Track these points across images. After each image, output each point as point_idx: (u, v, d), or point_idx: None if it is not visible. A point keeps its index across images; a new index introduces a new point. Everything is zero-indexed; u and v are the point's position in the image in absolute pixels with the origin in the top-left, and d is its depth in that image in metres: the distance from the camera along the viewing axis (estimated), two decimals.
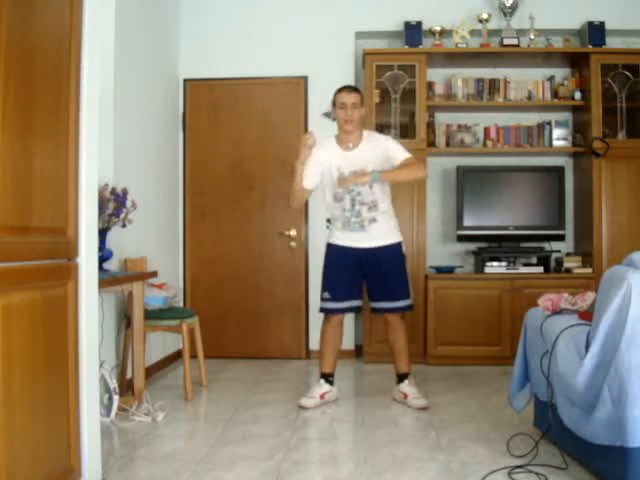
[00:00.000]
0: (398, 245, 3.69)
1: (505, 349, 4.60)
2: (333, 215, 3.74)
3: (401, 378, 3.70)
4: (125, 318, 3.82)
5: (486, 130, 5.05)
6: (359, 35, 5.10)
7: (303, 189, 3.63)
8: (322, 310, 3.72)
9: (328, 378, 3.70)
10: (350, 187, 3.53)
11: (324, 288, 3.70)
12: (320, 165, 3.60)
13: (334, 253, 3.69)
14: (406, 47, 4.86)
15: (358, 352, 5.02)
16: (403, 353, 3.71)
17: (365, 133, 3.67)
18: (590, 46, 4.79)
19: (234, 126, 5.12)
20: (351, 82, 5.06)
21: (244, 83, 5.11)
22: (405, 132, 4.90)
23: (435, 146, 4.97)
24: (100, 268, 3.20)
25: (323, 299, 3.69)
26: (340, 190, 3.56)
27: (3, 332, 1.78)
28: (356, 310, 3.87)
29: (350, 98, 3.58)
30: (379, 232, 3.61)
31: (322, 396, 3.63)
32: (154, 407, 3.37)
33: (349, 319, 4.89)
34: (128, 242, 3.87)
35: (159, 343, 4.46)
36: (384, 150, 3.55)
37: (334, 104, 3.66)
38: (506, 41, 4.84)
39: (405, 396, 3.61)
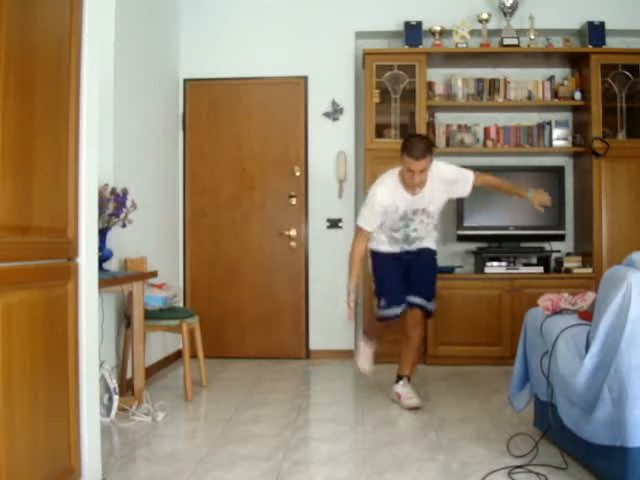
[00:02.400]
0: (434, 252, 3.77)
1: (505, 349, 4.59)
2: (380, 234, 3.69)
3: (399, 378, 3.70)
4: (125, 318, 3.81)
5: (486, 130, 5.05)
6: (359, 35, 5.10)
7: (366, 234, 3.63)
8: (381, 319, 3.64)
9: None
10: (410, 223, 3.58)
11: (384, 290, 3.64)
12: (385, 210, 3.54)
13: (382, 259, 3.71)
14: (406, 47, 4.86)
15: None
16: (410, 356, 3.69)
17: (430, 172, 3.49)
18: (590, 46, 4.79)
19: (234, 126, 5.12)
20: (351, 82, 5.08)
21: (244, 83, 5.12)
22: (405, 132, 4.88)
23: (435, 146, 4.96)
24: (100, 268, 3.20)
25: (382, 306, 3.62)
26: (400, 224, 3.58)
27: (3, 332, 1.78)
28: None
29: (418, 165, 3.36)
30: (421, 244, 3.70)
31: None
32: (154, 407, 3.37)
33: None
34: (128, 242, 3.87)
35: (159, 343, 4.46)
36: (445, 179, 3.55)
37: (402, 155, 3.41)
38: (506, 41, 4.84)
39: (399, 396, 3.62)
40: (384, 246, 3.70)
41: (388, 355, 4.15)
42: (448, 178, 3.57)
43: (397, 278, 3.65)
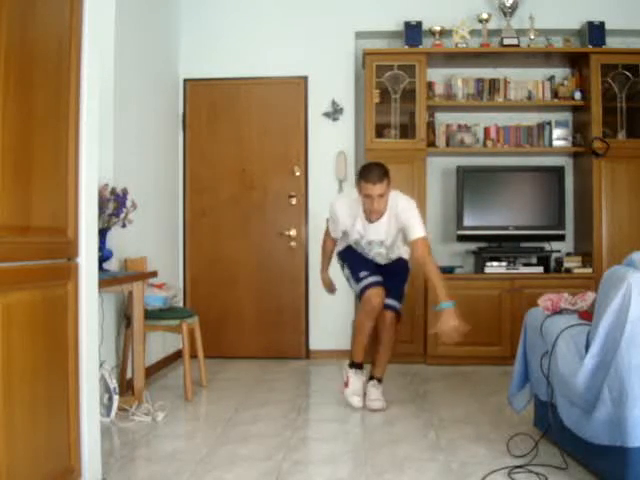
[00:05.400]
0: (405, 260, 3.74)
1: (505, 349, 4.60)
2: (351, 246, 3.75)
3: (370, 378, 3.66)
4: (125, 318, 3.81)
5: (486, 130, 5.05)
6: (359, 35, 5.10)
7: (332, 238, 3.75)
8: (366, 287, 3.49)
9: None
10: (369, 250, 3.61)
11: (359, 269, 3.58)
12: (344, 225, 3.59)
13: (351, 252, 3.70)
14: (406, 47, 4.86)
15: None
16: (382, 358, 3.64)
17: (390, 202, 3.47)
18: (590, 46, 4.79)
19: (234, 126, 5.12)
20: (351, 82, 5.08)
21: (244, 83, 5.11)
22: (405, 132, 4.90)
23: (435, 146, 4.97)
24: (100, 268, 3.20)
25: (362, 278, 3.53)
26: (358, 246, 3.64)
27: (3, 332, 1.79)
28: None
29: (375, 190, 3.34)
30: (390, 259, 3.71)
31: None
32: (154, 407, 3.37)
33: (349, 318, 4.90)
34: (128, 242, 3.87)
35: (159, 343, 4.46)
36: (402, 222, 3.46)
37: (359, 183, 3.42)
38: (506, 41, 4.84)
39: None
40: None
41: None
42: (401, 217, 3.46)
43: (369, 261, 3.65)
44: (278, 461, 2.70)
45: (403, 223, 3.45)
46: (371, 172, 3.37)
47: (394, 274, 3.68)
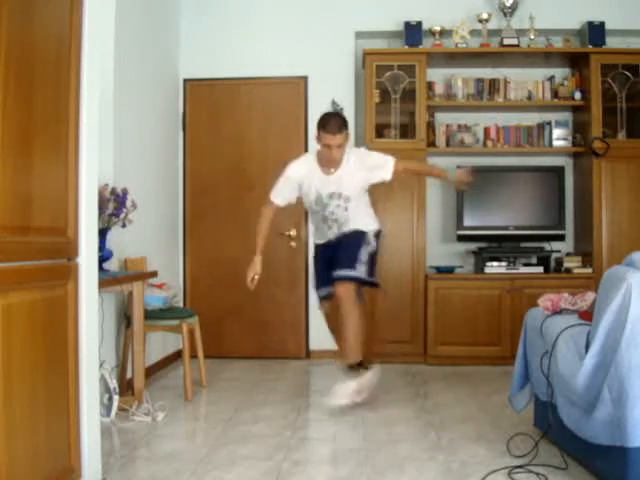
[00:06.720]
0: (362, 231, 3.59)
1: (505, 349, 4.59)
2: (313, 222, 3.88)
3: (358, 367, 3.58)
4: (125, 318, 3.82)
5: (486, 130, 5.05)
6: (359, 35, 5.10)
7: (275, 207, 3.75)
8: (323, 298, 3.70)
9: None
10: (327, 207, 3.61)
11: (316, 281, 3.79)
12: (297, 184, 3.64)
13: (318, 252, 3.84)
14: (406, 47, 4.86)
15: None
16: (349, 342, 3.46)
17: (346, 155, 3.55)
18: (590, 46, 4.79)
19: (234, 126, 5.12)
20: (351, 82, 5.08)
21: (244, 83, 5.12)
22: (405, 132, 4.90)
23: (435, 146, 4.97)
24: (100, 268, 3.20)
25: (320, 286, 3.73)
26: (317, 207, 3.66)
27: (3, 332, 1.78)
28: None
29: (335, 140, 3.42)
30: (347, 228, 3.65)
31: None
32: (154, 407, 3.37)
33: None
34: (128, 242, 3.87)
35: (159, 343, 4.46)
36: (368, 165, 3.55)
37: (318, 133, 3.48)
38: (506, 41, 4.84)
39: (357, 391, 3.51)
40: (316, 238, 3.84)
41: (386, 354, 4.16)
42: (367, 164, 3.56)
43: (324, 263, 3.69)
44: (278, 461, 2.70)
45: (373, 165, 3.55)
46: (331, 123, 3.46)
47: (346, 245, 3.56)
